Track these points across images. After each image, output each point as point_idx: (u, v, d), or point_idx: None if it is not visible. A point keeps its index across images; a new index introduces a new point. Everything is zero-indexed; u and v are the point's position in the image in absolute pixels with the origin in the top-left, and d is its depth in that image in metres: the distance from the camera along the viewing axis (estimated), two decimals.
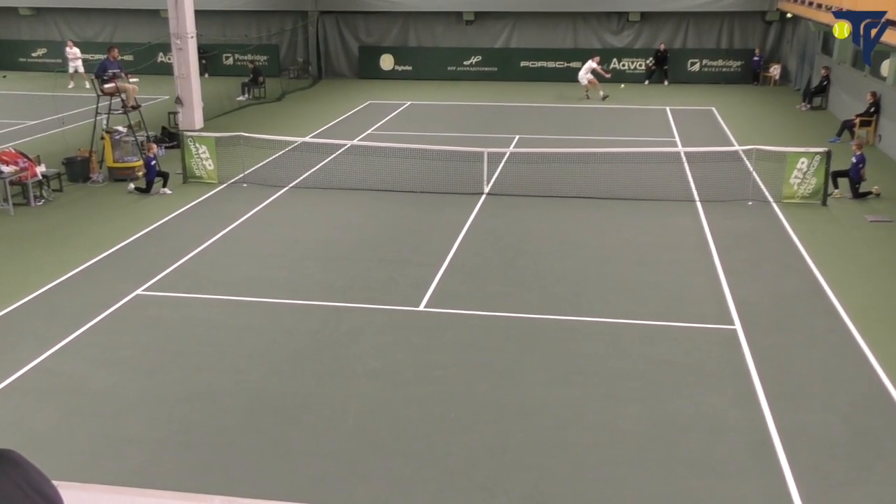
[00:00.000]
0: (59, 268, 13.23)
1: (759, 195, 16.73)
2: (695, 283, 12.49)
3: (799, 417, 8.74)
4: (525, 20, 32.88)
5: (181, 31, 23.22)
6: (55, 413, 9.00)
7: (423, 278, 12.70)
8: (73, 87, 30.92)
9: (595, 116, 25.86)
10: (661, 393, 9.29)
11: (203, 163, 18.30)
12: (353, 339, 10.72)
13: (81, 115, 24.79)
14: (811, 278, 12.63)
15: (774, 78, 31.42)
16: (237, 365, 10.05)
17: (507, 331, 10.95)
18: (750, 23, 31.75)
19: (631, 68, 32.47)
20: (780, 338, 10.63)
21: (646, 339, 10.66)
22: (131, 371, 9.92)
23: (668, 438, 8.40)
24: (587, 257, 13.65)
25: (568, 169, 18.36)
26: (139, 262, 13.53)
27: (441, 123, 24.80)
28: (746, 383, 9.47)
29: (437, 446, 8.32)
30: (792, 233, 14.65)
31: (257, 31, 34.99)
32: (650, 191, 16.99)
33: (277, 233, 15.04)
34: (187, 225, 15.51)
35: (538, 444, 8.33)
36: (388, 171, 18.48)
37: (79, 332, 10.91)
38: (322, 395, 9.32)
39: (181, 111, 23.74)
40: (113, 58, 19.74)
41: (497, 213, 16.01)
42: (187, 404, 9.15)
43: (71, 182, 18.32)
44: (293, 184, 18.06)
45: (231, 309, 11.71)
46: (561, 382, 9.57)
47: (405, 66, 34.00)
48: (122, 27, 35.89)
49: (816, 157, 16.13)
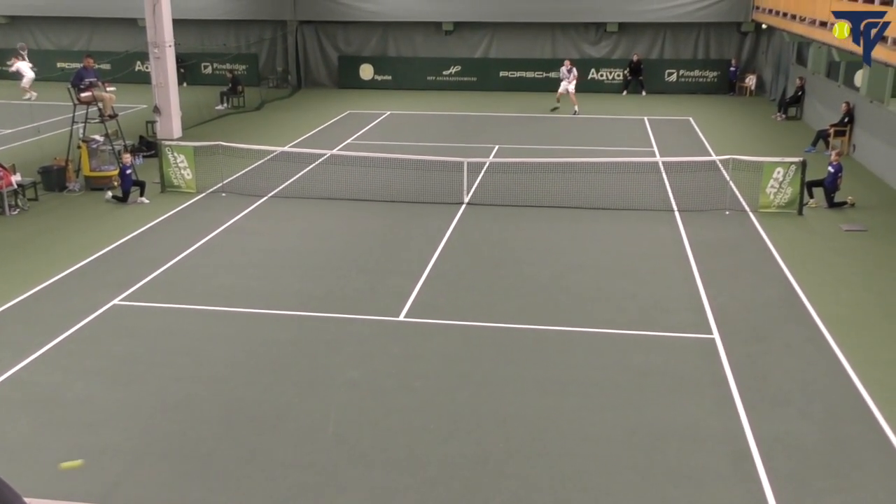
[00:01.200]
0: (34, 277, 13.09)
1: (737, 205, 16.87)
2: (673, 292, 12.57)
3: (776, 426, 8.80)
4: (504, 30, 33.04)
5: (159, 39, 23.11)
6: (29, 424, 8.89)
7: (403, 288, 12.68)
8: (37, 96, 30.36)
9: (574, 126, 26.00)
10: (640, 402, 9.32)
11: (181, 172, 18.20)
12: (333, 349, 10.68)
13: (58, 124, 24.59)
14: (788, 287, 12.74)
15: (750, 88, 31.75)
16: (215, 375, 9.98)
17: (486, 340, 10.95)
18: (725, 34, 32.09)
19: (609, 78, 32.70)
20: (757, 346, 10.71)
21: (624, 348, 10.70)
22: (108, 381, 9.82)
23: (647, 447, 8.43)
24: (566, 267, 13.69)
25: (547, 179, 18.43)
26: (116, 271, 13.41)
27: (421, 133, 24.83)
28: (724, 392, 9.53)
29: (416, 456, 8.30)
30: (769, 242, 14.78)
31: (236, 40, 34.89)
32: (629, 200, 17.09)
33: (256, 242, 14.97)
34: (165, 234, 15.41)
35: (517, 453, 8.33)
36: (368, 180, 18.46)
37: (55, 342, 10.80)
38: (301, 405, 9.27)
39: (159, 120, 23.62)
40: (89, 66, 19.61)
41: (477, 222, 16.03)
42: (164, 415, 9.07)
43: (47, 191, 18.15)
44: (272, 193, 18.00)
45: (209, 319, 11.64)
46: (540, 392, 9.58)
47: (385, 75, 34.04)
48: (99, 35, 35.66)
49: (792, 166, 16.30)
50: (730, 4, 30.71)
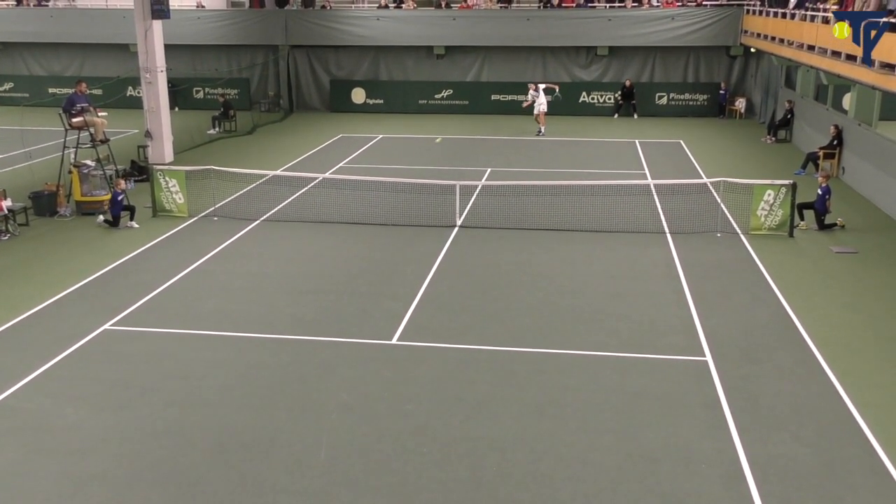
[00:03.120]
0: (24, 303, 13.02)
1: (728, 227, 16.94)
2: (665, 314, 12.58)
3: (769, 448, 8.79)
4: (495, 54, 33.26)
5: (151, 64, 23.20)
6: (18, 451, 8.80)
7: (396, 311, 12.66)
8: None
9: (566, 150, 26.11)
10: (634, 425, 9.30)
11: (173, 196, 18.19)
12: (325, 373, 10.64)
13: (49, 149, 24.58)
14: (779, 309, 12.77)
15: (740, 111, 31.99)
16: (206, 400, 9.92)
17: (480, 364, 10.92)
18: (715, 57, 32.38)
19: (600, 101, 32.92)
20: (749, 369, 10.71)
21: (617, 370, 10.69)
22: (98, 407, 9.75)
23: (641, 470, 8.40)
24: (559, 289, 13.70)
25: (540, 201, 18.48)
26: (107, 296, 13.36)
27: (413, 156, 24.91)
28: (717, 414, 9.52)
29: (409, 481, 8.24)
30: (760, 264, 14.83)
31: (228, 64, 35.03)
32: (620, 223, 17.14)
33: (248, 266, 14.94)
34: (156, 259, 15.37)
35: (511, 478, 8.28)
36: (361, 204, 18.48)
37: (44, 368, 10.73)
38: (293, 430, 9.22)
39: (151, 145, 23.64)
40: (81, 92, 19.62)
41: (470, 245, 16.05)
42: (155, 440, 9.00)
43: (38, 216, 18.11)
44: (264, 217, 17.99)
45: (200, 343, 11.58)
46: (534, 415, 9.55)
47: (377, 99, 34.18)
48: (90, 61, 35.76)
49: (782, 189, 16.39)
50: (719, 28, 31.02)
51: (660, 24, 31.21)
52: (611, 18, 31.62)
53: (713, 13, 31.01)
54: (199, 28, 33.44)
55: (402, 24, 32.75)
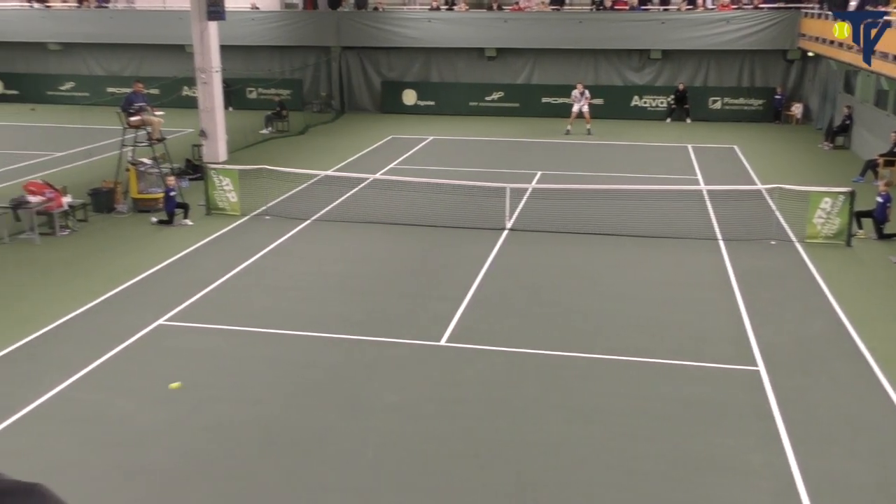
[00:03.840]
0: (82, 297, 13.34)
1: (783, 235, 16.63)
2: (717, 322, 12.39)
3: (823, 463, 8.60)
4: (547, 57, 33.10)
5: (206, 65, 23.58)
6: (73, 441, 9.02)
7: (445, 313, 12.68)
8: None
9: (617, 153, 25.89)
10: (682, 433, 9.18)
11: (226, 195, 18.46)
12: (373, 373, 10.70)
13: (107, 147, 25.13)
14: (836, 320, 12.49)
15: (796, 117, 31.37)
16: (255, 396, 10.04)
17: (527, 367, 10.89)
18: (771, 61, 31.78)
19: (652, 106, 32.57)
20: (804, 380, 10.49)
21: (667, 378, 10.56)
22: (150, 400, 9.94)
23: (689, 480, 8.28)
24: (608, 294, 13.58)
25: (590, 206, 18.34)
26: (161, 292, 13.61)
27: (463, 158, 24.92)
28: (769, 426, 9.34)
29: (455, 482, 8.25)
30: (816, 273, 14.52)
31: (281, 65, 35.44)
32: (672, 229, 16.93)
33: (298, 265, 15.10)
34: (210, 256, 15.61)
35: (556, 483, 8.24)
36: (410, 205, 18.55)
37: (100, 361, 10.97)
38: (341, 429, 9.28)
39: (205, 144, 24.03)
40: (138, 91, 20.04)
41: (519, 248, 16.00)
42: (205, 435, 9.14)
43: (96, 213, 18.52)
44: (315, 217, 18.16)
45: (251, 340, 11.74)
46: (581, 420, 9.49)
47: (427, 101, 34.28)
48: (148, 61, 36.46)
49: (840, 196, 16.03)
50: (776, 32, 30.44)
51: (714, 27, 30.75)
52: (664, 21, 31.26)
53: (770, 16, 30.45)
54: (253, 29, 33.90)
55: (453, 26, 32.80)
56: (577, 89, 29.35)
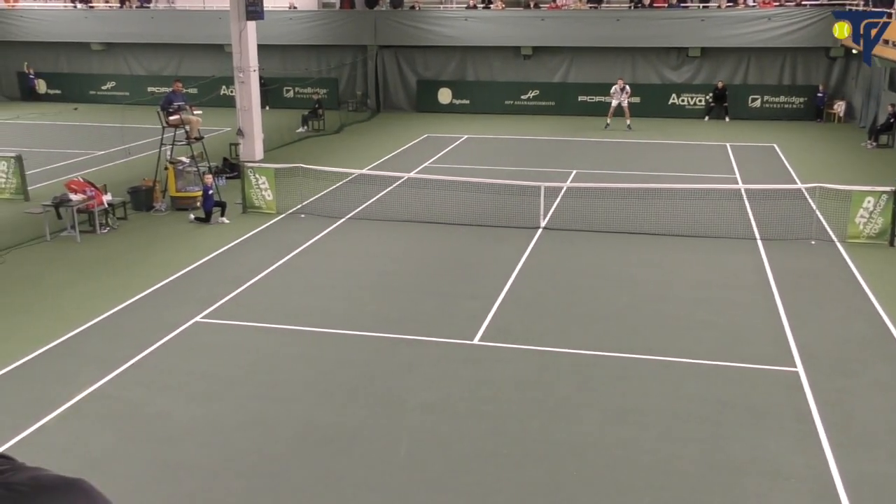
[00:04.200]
0: (121, 294, 13.53)
1: (823, 234, 16.34)
2: (755, 322, 12.21)
3: (864, 466, 8.43)
4: (583, 55, 32.90)
5: (244, 64, 23.79)
6: (112, 437, 9.15)
7: (478, 312, 12.65)
8: None
9: (653, 152, 25.65)
10: (719, 435, 9.06)
11: (262, 193, 18.61)
12: (407, 372, 10.70)
13: (146, 146, 25.47)
14: (878, 322, 12.23)
15: (839, 115, 30.81)
16: (290, 394, 10.10)
17: (561, 367, 10.82)
18: (813, 59, 31.25)
19: (690, 104, 32.22)
20: (844, 383, 10.30)
21: (703, 379, 10.43)
22: (186, 397, 10.04)
23: (726, 482, 8.17)
24: (644, 294, 13.46)
25: (626, 204, 18.19)
26: (198, 289, 13.76)
27: (498, 157, 24.86)
28: (809, 428, 9.18)
29: (488, 482, 8.22)
30: (857, 274, 14.25)
31: (317, 64, 35.65)
32: (709, 228, 16.72)
33: (333, 264, 15.17)
34: (246, 254, 15.75)
35: (591, 484, 8.17)
36: (445, 204, 18.54)
37: (138, 358, 11.11)
38: (374, 427, 9.30)
39: (243, 143, 24.25)
40: (178, 90, 20.27)
41: (553, 247, 15.91)
42: (240, 432, 9.21)
43: (135, 211, 18.78)
44: (350, 215, 18.24)
45: (286, 338, 11.81)
46: (615, 421, 9.40)
47: (463, 99, 34.26)
48: (187, 61, 36.90)
49: (883, 196, 15.71)
50: (818, 29, 29.88)
51: (755, 24, 30.32)
52: (703, 19, 30.89)
53: (812, 13, 29.94)
54: (291, 28, 34.13)
55: (489, 25, 32.73)
56: (618, 84, 29.43)
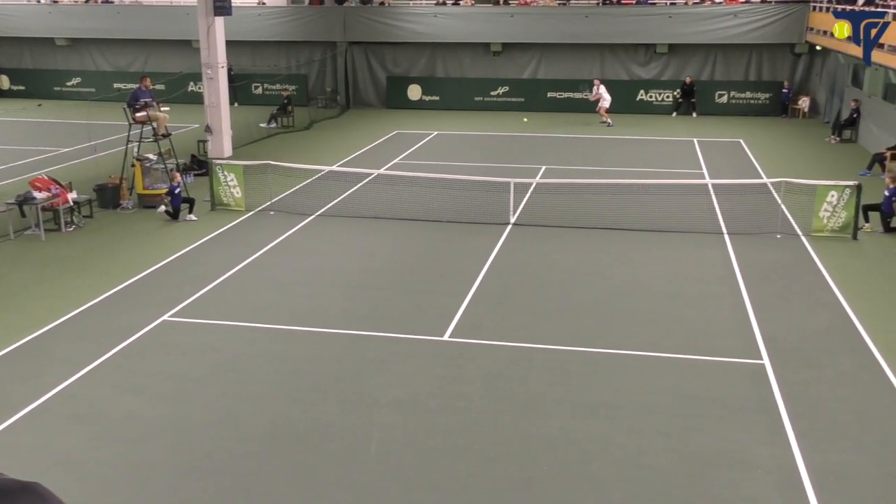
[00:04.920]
0: (87, 293, 13.36)
1: (788, 228, 16.56)
2: (722, 316, 12.35)
3: (829, 456, 8.56)
4: (552, 51, 33.02)
5: (212, 61, 23.59)
6: (79, 437, 9.03)
7: (449, 308, 12.66)
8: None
9: (622, 147, 25.82)
10: (688, 428, 9.15)
11: (231, 190, 18.47)
12: (377, 369, 10.69)
13: (113, 143, 25.15)
14: (841, 313, 12.43)
15: (804, 110, 31.22)
16: (260, 392, 10.05)
17: (532, 362, 10.86)
18: (779, 55, 31.63)
19: (658, 100, 32.46)
20: (809, 374, 10.45)
21: (672, 372, 10.53)
22: (155, 397, 9.95)
23: (695, 474, 8.26)
24: (613, 289, 13.55)
25: (594, 200, 18.29)
26: (166, 288, 13.63)
27: (468, 153, 24.88)
28: (775, 419, 9.31)
29: (460, 478, 8.24)
30: (822, 267, 14.46)
31: (287, 61, 35.44)
32: (677, 223, 16.87)
33: (303, 261, 15.10)
34: (214, 252, 15.62)
35: (563, 478, 8.22)
36: (415, 200, 18.53)
37: (105, 357, 10.98)
38: (345, 424, 9.28)
39: (211, 139, 24.04)
40: (145, 87, 20.04)
41: (523, 243, 15.97)
42: (209, 431, 9.15)
43: (101, 208, 18.56)
44: (320, 212, 18.16)
45: (255, 336, 11.74)
46: (587, 415, 9.46)
47: (433, 96, 34.24)
48: (154, 57, 36.50)
49: (847, 190, 15.96)
50: (783, 26, 30.28)
51: (722, 21, 30.61)
52: (671, 15, 31.14)
53: (778, 10, 30.29)
54: (260, 24, 33.89)
55: (459, 21, 32.73)
56: (597, 85, 29.94)
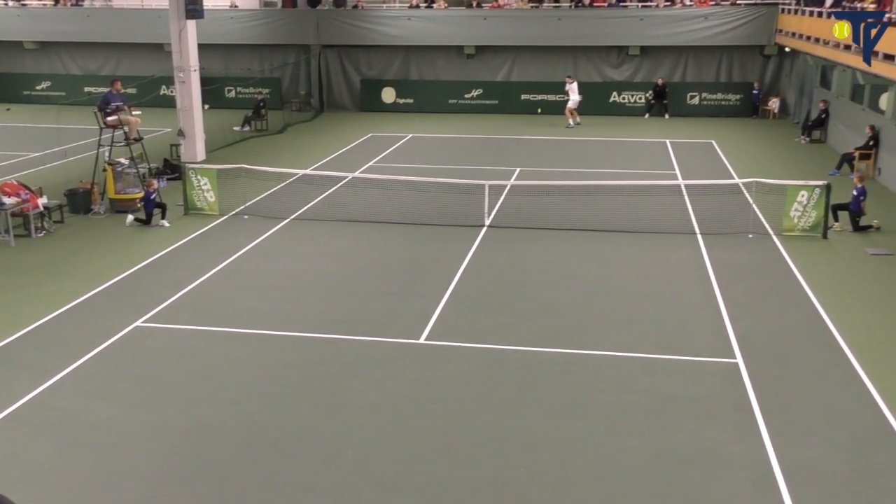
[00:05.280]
0: (58, 299, 13.21)
1: (760, 228, 16.74)
2: (696, 316, 12.46)
3: (801, 453, 8.66)
4: (525, 54, 33.15)
5: (184, 64, 23.43)
6: (50, 446, 8.92)
7: (424, 311, 12.66)
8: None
9: (596, 149, 25.97)
10: (663, 427, 9.22)
11: (204, 195, 18.35)
12: (353, 372, 10.67)
13: (84, 148, 24.92)
14: (813, 312, 12.59)
15: (773, 111, 31.58)
16: (235, 397, 9.99)
17: (508, 364, 10.89)
18: (749, 57, 31.98)
19: (631, 101, 32.69)
20: (781, 372, 10.57)
21: (647, 372, 10.60)
22: (128, 403, 9.85)
23: (670, 473, 8.32)
24: (588, 290, 13.62)
25: (569, 201, 18.38)
26: (139, 293, 13.51)
27: (442, 156, 24.91)
28: (748, 417, 9.40)
29: (436, 481, 8.24)
30: (793, 266, 14.63)
31: (260, 64, 35.26)
32: (651, 223, 17.01)
33: (278, 265, 15.03)
34: (188, 257, 15.51)
35: (539, 479, 8.25)
36: (390, 203, 18.52)
37: (76, 364, 10.87)
38: (321, 429, 9.25)
39: (183, 143, 23.87)
40: (116, 91, 19.87)
41: (498, 245, 16.01)
42: (184, 437, 9.08)
43: (72, 214, 18.35)
44: (294, 216, 18.09)
45: (230, 341, 11.67)
46: (562, 416, 9.51)
47: (407, 98, 34.23)
48: (125, 60, 36.17)
49: (816, 190, 16.16)
50: (753, 28, 30.63)
51: (693, 23, 30.90)
52: (643, 18, 31.38)
53: (747, 12, 30.63)
54: (232, 27, 33.71)
55: (432, 24, 32.76)
56: (570, 82, 30.15)
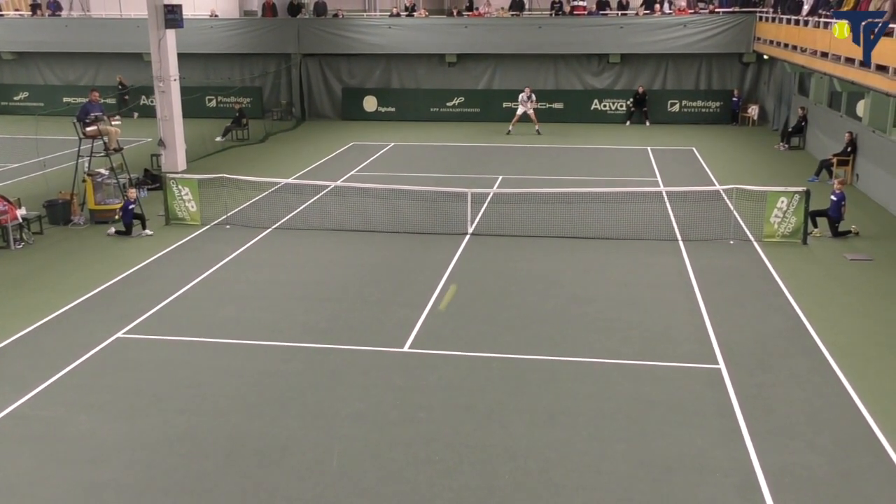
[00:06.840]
0: (38, 311, 13.09)
1: (741, 234, 16.87)
2: (678, 322, 12.52)
3: (784, 457, 8.72)
4: (506, 62, 33.28)
5: (164, 73, 23.34)
6: (31, 459, 8.83)
7: (408, 319, 12.65)
8: None
9: (577, 157, 26.09)
10: (646, 433, 9.25)
11: (186, 205, 18.26)
12: (337, 381, 10.63)
13: (63, 158, 24.75)
14: (793, 317, 12.69)
15: (753, 118, 31.88)
16: (218, 408, 9.93)
17: (491, 371, 10.90)
18: (728, 64, 32.28)
19: (612, 109, 32.88)
20: (763, 377, 10.64)
21: (630, 378, 10.64)
22: (110, 415, 9.77)
23: (654, 479, 8.35)
24: (571, 297, 13.66)
25: (551, 209, 18.45)
26: (120, 304, 13.41)
27: (424, 164, 24.93)
28: (731, 423, 9.46)
29: (421, 489, 8.22)
30: (773, 271, 14.75)
31: (240, 73, 35.18)
32: (633, 230, 17.09)
33: (260, 274, 14.97)
34: (169, 267, 15.42)
35: (524, 486, 8.25)
36: (372, 212, 18.51)
37: (57, 377, 10.77)
38: (305, 438, 9.21)
39: (164, 153, 23.76)
40: (94, 100, 19.75)
41: (481, 253, 16.03)
42: (167, 448, 9.01)
43: (52, 225, 18.21)
44: (276, 225, 18.04)
45: (212, 351, 11.61)
46: (546, 423, 9.52)
47: (388, 107, 34.26)
48: (105, 70, 36.00)
49: (796, 196, 16.30)
50: (731, 35, 30.93)
51: (672, 31, 31.16)
52: (622, 26, 31.60)
53: (725, 20, 30.94)
54: (212, 37, 33.63)
55: (413, 33, 32.84)
56: (525, 92, 30.51)
